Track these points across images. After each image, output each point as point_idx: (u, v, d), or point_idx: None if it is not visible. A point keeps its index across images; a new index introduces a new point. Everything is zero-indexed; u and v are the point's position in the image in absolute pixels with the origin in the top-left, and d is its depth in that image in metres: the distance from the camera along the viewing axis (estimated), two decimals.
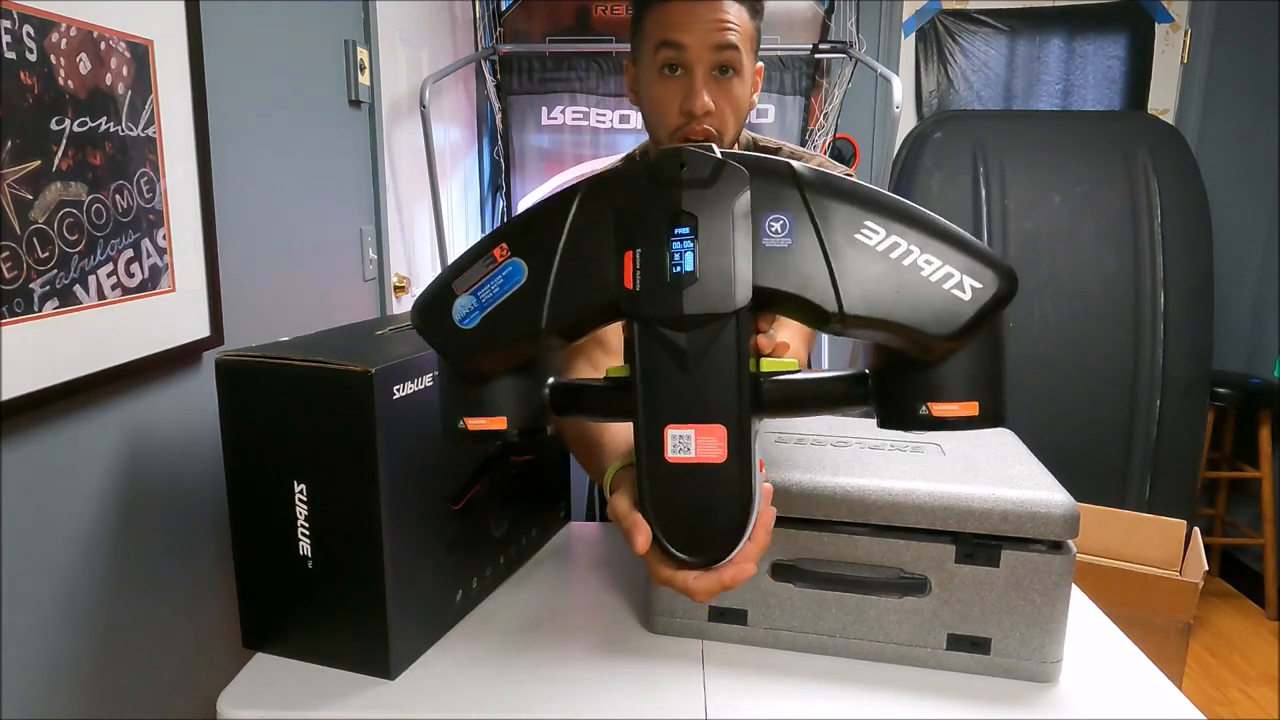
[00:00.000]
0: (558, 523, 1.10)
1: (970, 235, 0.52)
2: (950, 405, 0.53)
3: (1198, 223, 2.47)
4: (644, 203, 0.53)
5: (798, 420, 0.98)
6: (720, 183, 0.52)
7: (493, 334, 0.55)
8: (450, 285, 0.56)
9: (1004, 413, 0.54)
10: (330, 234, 1.60)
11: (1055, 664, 0.75)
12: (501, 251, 0.55)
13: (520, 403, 0.58)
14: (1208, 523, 2.82)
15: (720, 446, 0.52)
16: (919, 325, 0.51)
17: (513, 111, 2.87)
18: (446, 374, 0.58)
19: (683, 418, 0.52)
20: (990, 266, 0.51)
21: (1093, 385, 2.45)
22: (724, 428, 0.52)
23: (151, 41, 0.97)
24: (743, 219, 0.52)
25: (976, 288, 0.51)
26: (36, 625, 0.86)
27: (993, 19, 2.84)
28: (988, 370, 0.54)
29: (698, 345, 0.52)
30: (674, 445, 0.52)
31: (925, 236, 0.51)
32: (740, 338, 0.52)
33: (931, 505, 0.74)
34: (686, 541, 0.54)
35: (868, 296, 0.51)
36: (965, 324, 0.50)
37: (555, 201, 0.55)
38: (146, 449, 1.01)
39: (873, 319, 0.51)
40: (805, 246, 0.51)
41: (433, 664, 0.79)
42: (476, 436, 0.57)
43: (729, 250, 0.52)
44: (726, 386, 0.52)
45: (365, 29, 1.74)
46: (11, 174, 0.77)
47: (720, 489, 0.52)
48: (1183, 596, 1.81)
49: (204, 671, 1.13)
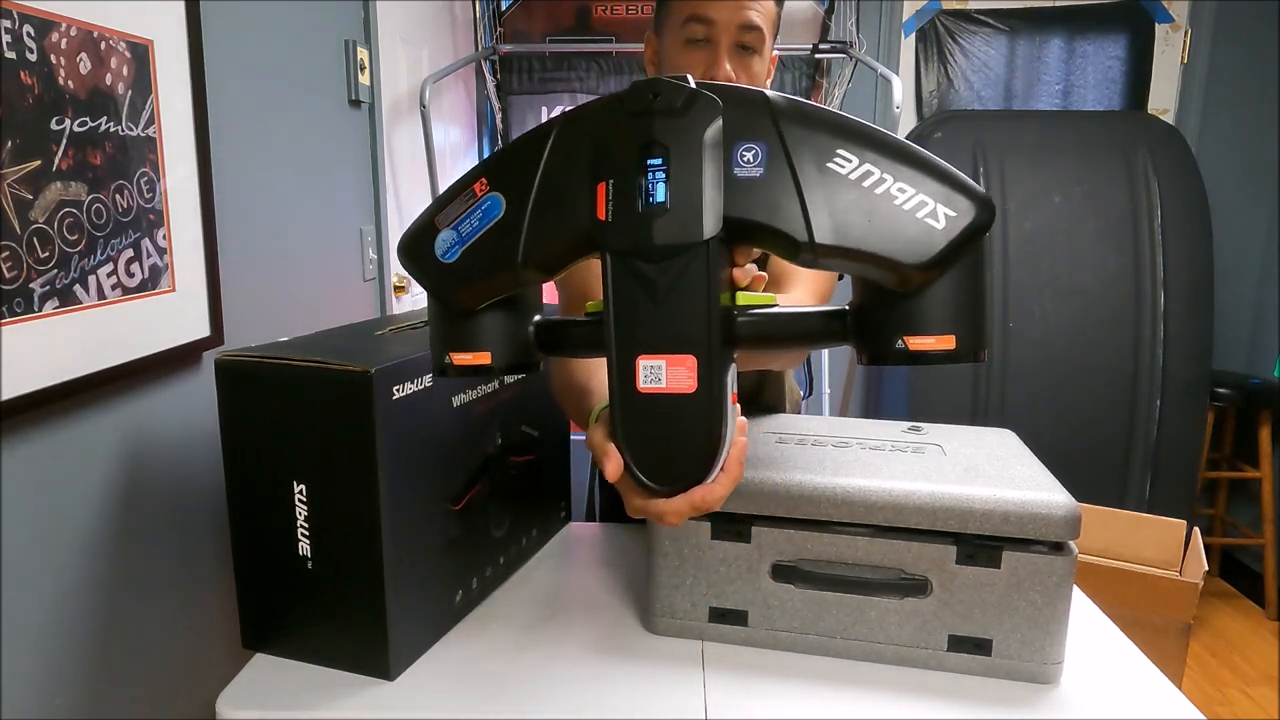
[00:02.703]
0: (558, 523, 1.10)
1: (948, 165, 0.51)
2: (926, 339, 0.53)
3: (1198, 223, 2.47)
4: (617, 134, 0.53)
5: (799, 420, 0.98)
6: (693, 112, 0.52)
7: (472, 267, 0.55)
8: (433, 221, 0.56)
9: (983, 346, 0.53)
10: (330, 234, 1.60)
11: (1056, 665, 0.75)
12: (481, 186, 0.56)
13: (505, 339, 0.58)
14: (1208, 523, 2.81)
15: (690, 377, 0.52)
16: (891, 254, 0.50)
17: (513, 111, 2.87)
18: (434, 310, 0.59)
19: (654, 348, 0.52)
20: (966, 195, 0.50)
21: (1093, 385, 2.45)
22: (694, 358, 0.52)
23: (151, 41, 0.97)
24: (714, 148, 0.52)
25: (951, 216, 0.50)
26: (36, 625, 0.86)
27: (993, 19, 2.84)
28: (966, 303, 0.53)
29: (668, 276, 0.52)
30: (645, 376, 0.52)
31: (900, 165, 0.51)
32: (711, 269, 0.51)
33: (932, 506, 0.74)
34: (657, 471, 0.54)
35: (839, 226, 0.50)
36: (939, 253, 0.50)
37: (533, 136, 0.55)
38: (146, 449, 1.01)
39: (844, 248, 0.51)
40: (776, 176, 0.51)
41: (433, 664, 0.79)
42: (463, 371, 0.58)
43: (699, 180, 0.51)
44: (696, 317, 0.52)
45: (365, 29, 1.74)
46: (11, 174, 0.77)
47: (690, 419, 0.53)
48: (1183, 596, 1.81)
49: (204, 672, 1.13)
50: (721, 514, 0.78)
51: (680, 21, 0.93)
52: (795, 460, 0.82)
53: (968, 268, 0.52)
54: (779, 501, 0.77)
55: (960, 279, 0.52)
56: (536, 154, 0.55)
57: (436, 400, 0.78)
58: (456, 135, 2.73)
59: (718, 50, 0.91)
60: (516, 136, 0.56)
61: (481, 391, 0.86)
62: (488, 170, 0.56)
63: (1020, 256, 2.48)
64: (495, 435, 0.89)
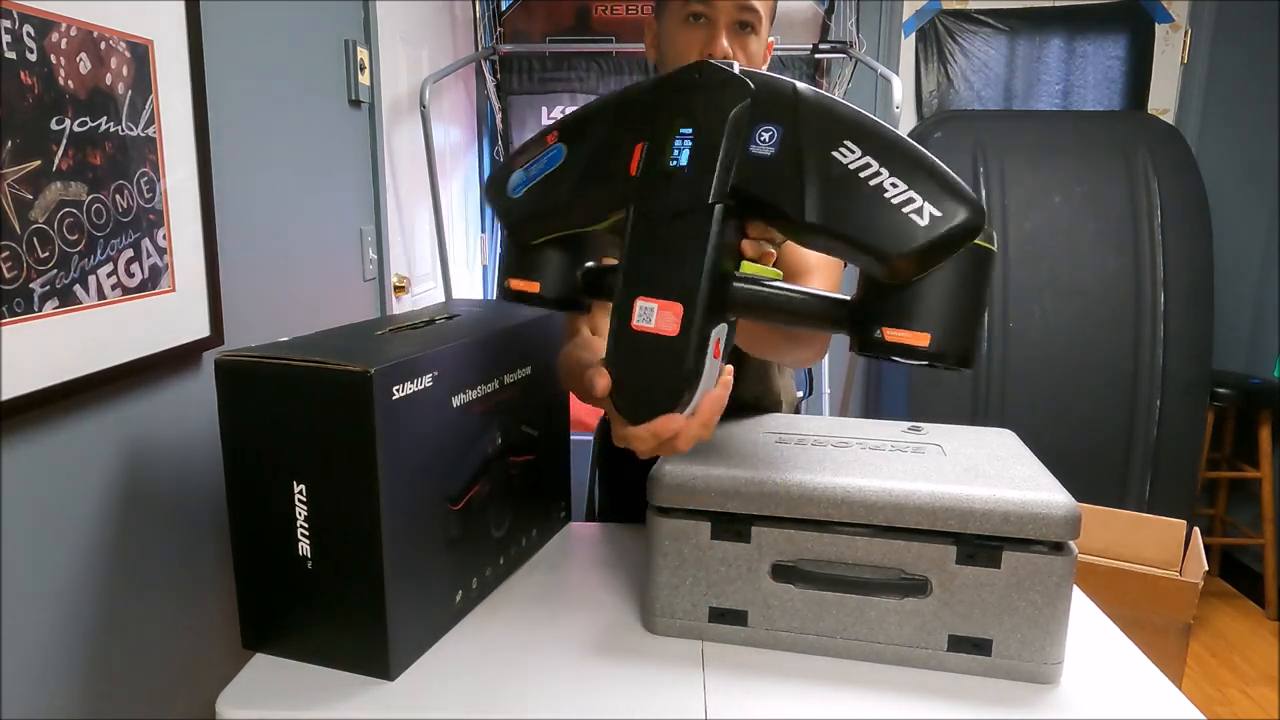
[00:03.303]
0: (558, 523, 1.10)
1: (950, 171, 0.55)
2: (902, 332, 0.57)
3: (1198, 223, 2.47)
4: (661, 104, 0.61)
5: (799, 420, 0.98)
6: (726, 92, 0.59)
7: (530, 204, 0.65)
8: (512, 161, 0.67)
9: (957, 351, 0.57)
10: (330, 234, 1.60)
11: (1056, 665, 0.75)
12: (552, 138, 0.66)
13: (557, 275, 0.67)
14: (1208, 523, 2.82)
15: (675, 323, 0.58)
16: (870, 243, 0.55)
17: (513, 111, 2.87)
18: (503, 240, 0.69)
19: (650, 292, 0.59)
20: (956, 198, 0.54)
21: (1093, 385, 2.45)
22: (682, 306, 0.58)
23: (151, 41, 0.97)
24: (737, 126, 0.58)
25: (935, 215, 0.54)
26: (36, 625, 0.86)
27: (993, 19, 2.84)
28: (950, 307, 0.57)
29: (675, 232, 0.58)
30: (639, 315, 0.59)
31: (898, 163, 0.55)
32: (715, 232, 0.58)
33: (932, 506, 0.74)
34: (631, 402, 0.60)
35: (826, 209, 0.55)
36: (917, 247, 0.54)
37: (600, 101, 0.65)
38: (146, 449, 1.01)
39: (828, 229, 0.56)
40: (785, 157, 0.57)
41: (433, 664, 0.79)
42: (518, 296, 0.67)
43: (717, 152, 0.58)
44: (692, 271, 0.58)
45: (365, 29, 1.74)
46: (11, 174, 0.77)
47: (668, 358, 0.58)
48: (1183, 596, 1.81)
49: (203, 672, 1.13)
50: (722, 514, 0.79)
51: (681, 1, 0.96)
52: (795, 460, 0.82)
53: (960, 275, 0.56)
54: (779, 501, 0.77)
55: (948, 283, 0.56)
56: (599, 116, 0.64)
57: (436, 400, 0.78)
58: (456, 135, 2.73)
59: (716, 28, 0.94)
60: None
61: (481, 391, 0.86)
62: (560, 125, 0.66)
63: (1020, 256, 2.48)
64: (495, 435, 0.89)
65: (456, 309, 1.00)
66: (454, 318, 0.95)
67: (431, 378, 0.77)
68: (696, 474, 0.79)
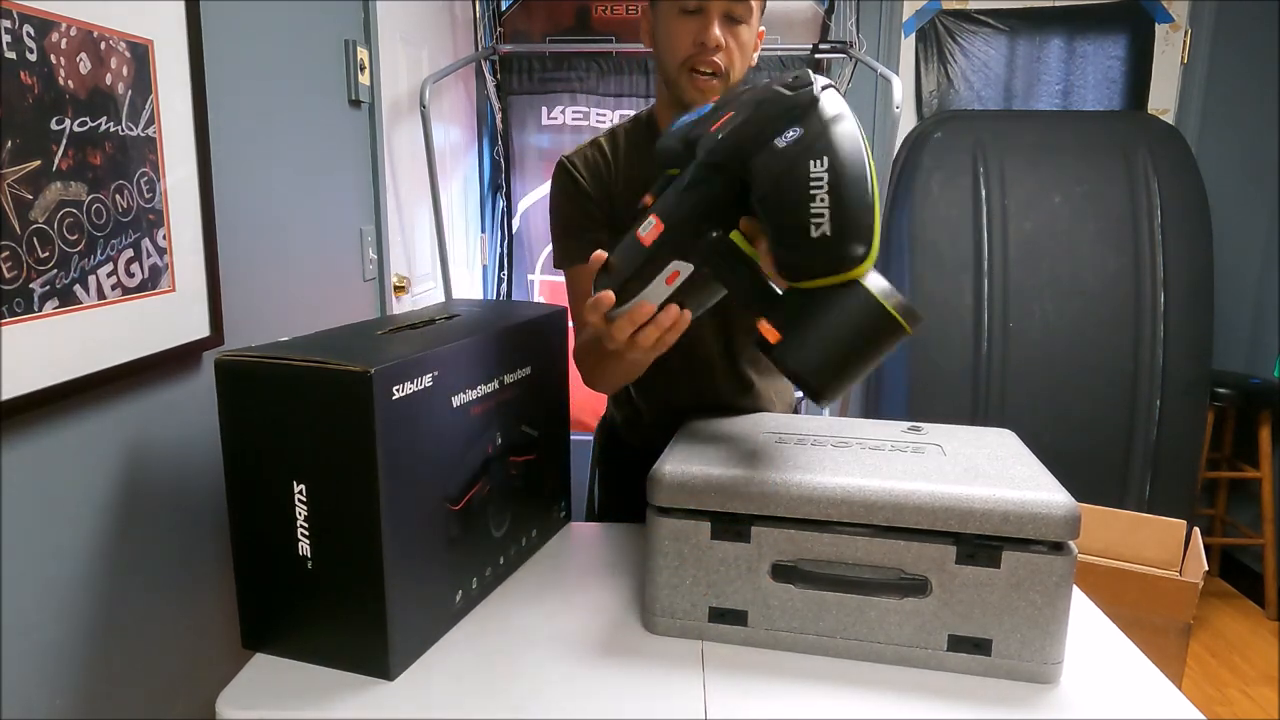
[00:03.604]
0: (558, 523, 1.10)
1: (877, 215, 0.67)
2: (766, 325, 0.71)
3: (1198, 223, 2.46)
4: (757, 89, 0.74)
5: (799, 420, 0.98)
6: (789, 95, 0.71)
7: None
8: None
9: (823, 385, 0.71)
10: (330, 234, 1.60)
11: (1056, 665, 0.75)
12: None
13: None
14: (1208, 523, 2.81)
15: (652, 238, 0.75)
16: (771, 233, 0.70)
17: (513, 111, 2.87)
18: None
19: (657, 212, 0.76)
20: (855, 237, 0.66)
21: (1093, 385, 2.45)
22: (662, 226, 0.75)
23: (151, 41, 0.97)
24: (774, 120, 0.70)
25: (826, 235, 0.66)
26: (36, 625, 0.86)
27: (993, 19, 2.84)
28: (817, 327, 0.69)
29: (693, 177, 0.76)
30: (643, 226, 0.76)
31: (846, 186, 0.66)
32: (708, 184, 0.74)
33: (932, 506, 0.74)
34: (599, 276, 0.78)
35: (765, 197, 0.69)
36: (798, 247, 0.68)
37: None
38: (146, 449, 1.01)
39: (760, 211, 0.70)
40: (783, 153, 0.69)
41: (433, 664, 0.79)
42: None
43: (748, 131, 0.72)
44: (682, 206, 0.75)
45: (365, 29, 1.74)
46: (11, 174, 0.77)
47: (634, 259, 0.76)
48: (1183, 596, 1.81)
49: (203, 672, 1.13)
50: (722, 514, 0.79)
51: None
52: (795, 460, 0.82)
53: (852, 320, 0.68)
54: (779, 501, 0.77)
55: (828, 307, 0.69)
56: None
57: (436, 400, 0.78)
58: (456, 135, 2.73)
59: (709, 16, 0.98)
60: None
61: (481, 391, 0.86)
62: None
63: (1020, 256, 2.48)
64: (495, 435, 0.89)
65: (456, 309, 1.00)
66: (454, 318, 0.95)
67: (431, 378, 0.77)
68: (696, 474, 0.79)
